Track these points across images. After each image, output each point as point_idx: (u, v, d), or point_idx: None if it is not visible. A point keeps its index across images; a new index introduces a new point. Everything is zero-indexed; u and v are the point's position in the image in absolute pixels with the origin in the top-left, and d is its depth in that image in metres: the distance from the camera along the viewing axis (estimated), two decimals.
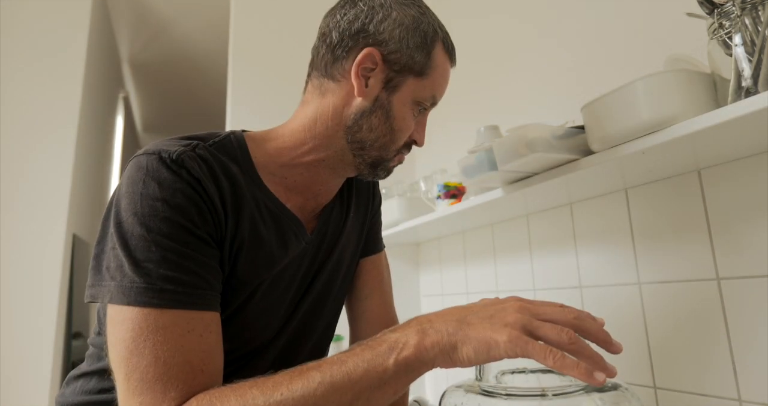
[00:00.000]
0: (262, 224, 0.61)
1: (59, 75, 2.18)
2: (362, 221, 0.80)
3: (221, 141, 0.61)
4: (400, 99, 0.63)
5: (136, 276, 0.48)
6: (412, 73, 0.62)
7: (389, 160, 0.66)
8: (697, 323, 0.77)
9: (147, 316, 0.47)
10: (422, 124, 0.68)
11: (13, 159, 2.02)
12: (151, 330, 0.47)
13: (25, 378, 1.82)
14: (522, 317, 0.45)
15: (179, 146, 0.55)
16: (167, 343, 0.47)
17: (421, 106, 0.65)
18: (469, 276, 1.39)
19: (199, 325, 0.50)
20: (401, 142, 0.66)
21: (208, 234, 0.54)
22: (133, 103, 4.04)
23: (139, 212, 0.50)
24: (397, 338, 0.46)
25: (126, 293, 0.48)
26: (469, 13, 1.54)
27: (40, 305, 1.92)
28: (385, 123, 0.63)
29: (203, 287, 0.51)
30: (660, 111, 0.63)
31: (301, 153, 0.64)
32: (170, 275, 0.49)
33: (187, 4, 2.75)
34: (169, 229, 0.50)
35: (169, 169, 0.52)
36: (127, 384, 0.46)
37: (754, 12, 0.56)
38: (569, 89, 1.10)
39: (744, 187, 0.72)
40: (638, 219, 0.89)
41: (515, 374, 0.58)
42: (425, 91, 0.64)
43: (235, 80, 1.81)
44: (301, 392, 0.44)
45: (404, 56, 0.62)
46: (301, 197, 0.67)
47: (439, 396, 0.60)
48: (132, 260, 0.49)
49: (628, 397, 0.53)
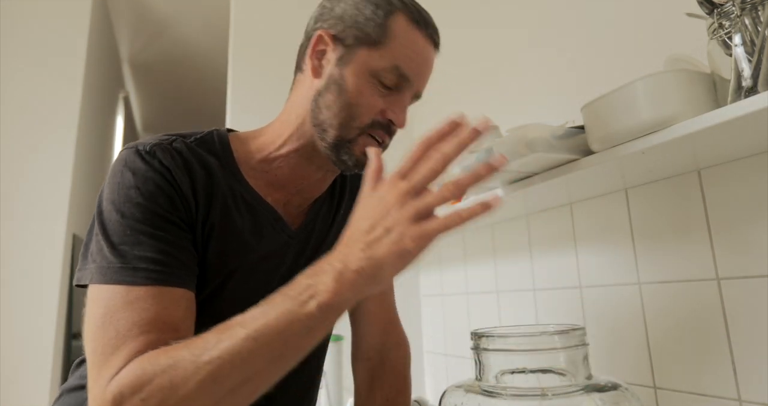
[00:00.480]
0: (236, 212, 0.62)
1: (59, 75, 2.18)
2: None
3: (202, 137, 0.65)
4: (352, 72, 0.61)
5: (113, 257, 0.51)
6: (365, 44, 0.61)
7: (351, 140, 0.62)
8: (697, 323, 0.77)
9: (117, 293, 0.50)
10: (399, 103, 0.64)
11: (13, 159, 2.02)
12: (117, 308, 0.49)
13: (25, 378, 1.82)
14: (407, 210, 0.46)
15: (156, 140, 0.60)
16: (130, 318, 0.48)
17: (382, 80, 0.61)
18: (469, 276, 1.39)
19: (165, 299, 0.51)
20: (364, 119, 0.62)
21: (179, 218, 0.56)
22: (133, 103, 4.04)
23: (116, 200, 0.54)
24: (315, 283, 0.46)
25: (104, 273, 0.51)
26: (469, 13, 1.54)
27: (40, 305, 1.92)
28: (339, 98, 0.61)
29: (175, 266, 0.53)
30: (660, 111, 0.63)
31: (278, 146, 0.66)
32: (143, 255, 0.52)
33: (187, 4, 2.75)
34: (141, 214, 0.53)
35: (142, 160, 0.56)
36: (92, 358, 0.48)
37: (754, 12, 0.56)
38: (569, 89, 1.10)
39: (744, 187, 0.72)
40: (638, 219, 0.89)
41: (515, 374, 0.58)
42: (382, 61, 0.61)
43: (235, 80, 1.81)
44: (227, 349, 0.44)
45: (354, 31, 0.62)
46: (284, 192, 0.68)
47: (439, 396, 0.60)
48: (110, 243, 0.52)
49: (628, 397, 0.53)
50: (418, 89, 0.65)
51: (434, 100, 1.75)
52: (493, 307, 1.27)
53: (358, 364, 0.80)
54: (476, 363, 0.61)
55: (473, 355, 0.62)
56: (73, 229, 2.14)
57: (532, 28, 1.24)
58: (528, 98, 1.24)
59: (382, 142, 0.65)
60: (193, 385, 0.43)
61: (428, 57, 0.65)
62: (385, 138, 0.64)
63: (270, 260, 0.66)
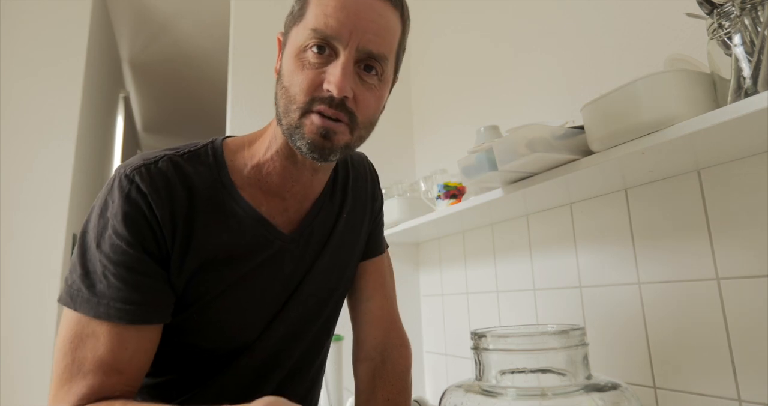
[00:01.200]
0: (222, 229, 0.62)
1: (59, 75, 2.18)
2: (360, 223, 0.78)
3: (196, 150, 0.64)
4: (286, 56, 0.60)
5: (82, 285, 0.54)
6: (293, 25, 0.59)
7: (298, 125, 0.57)
8: (697, 323, 0.77)
9: (78, 322, 0.53)
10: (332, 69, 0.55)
11: (13, 159, 2.02)
12: (77, 336, 0.53)
13: (25, 378, 1.82)
14: None
15: (141, 161, 0.60)
16: (85, 350, 0.53)
17: (309, 48, 0.56)
18: (469, 276, 1.39)
19: (116, 340, 0.54)
20: (299, 98, 0.56)
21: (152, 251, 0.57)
22: (133, 103, 4.04)
23: (93, 228, 0.56)
24: None
25: (73, 298, 0.54)
26: (468, 13, 1.54)
27: (40, 305, 1.92)
28: (280, 87, 0.60)
29: (138, 303, 0.55)
30: (660, 111, 0.63)
31: (264, 150, 0.65)
32: (107, 293, 0.54)
33: (187, 4, 2.75)
34: (113, 252, 0.55)
35: (120, 189, 0.57)
36: (53, 375, 0.53)
37: (754, 12, 0.56)
38: (569, 89, 1.10)
39: (744, 187, 0.72)
40: (638, 219, 0.89)
41: (515, 374, 0.58)
42: (304, 31, 0.56)
43: (235, 80, 1.81)
44: None
45: (288, 18, 0.62)
46: (280, 199, 0.67)
47: (439, 396, 0.60)
48: (84, 270, 0.55)
49: (627, 397, 0.53)
50: (363, 46, 0.55)
51: (434, 100, 1.75)
52: (493, 307, 1.27)
53: (360, 364, 0.80)
54: (476, 363, 0.61)
55: (473, 355, 0.62)
56: (73, 229, 2.14)
57: (532, 29, 1.24)
58: (528, 98, 1.24)
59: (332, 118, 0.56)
60: None
61: (360, 6, 0.55)
62: (330, 112, 0.56)
63: (264, 267, 0.65)
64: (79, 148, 2.17)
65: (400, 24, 0.61)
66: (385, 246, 0.86)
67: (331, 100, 0.55)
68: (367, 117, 0.60)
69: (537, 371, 0.58)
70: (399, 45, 0.62)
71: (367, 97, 0.58)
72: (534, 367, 0.57)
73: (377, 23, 0.56)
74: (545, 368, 0.57)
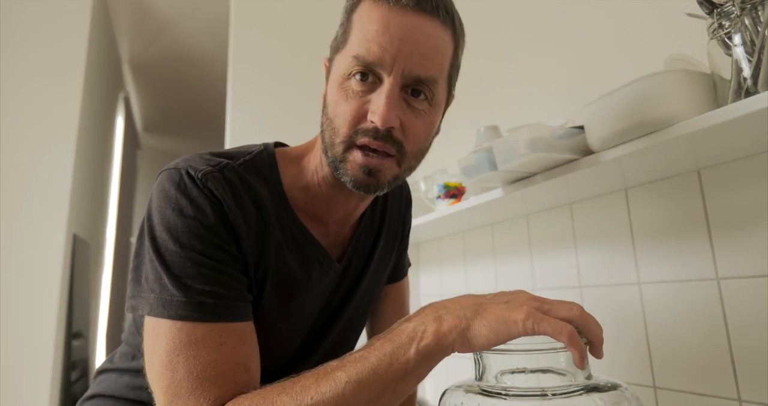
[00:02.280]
0: (287, 250, 0.60)
1: (59, 75, 2.18)
2: (392, 248, 0.77)
3: (252, 160, 0.60)
4: (331, 84, 0.57)
5: (175, 290, 0.49)
6: (337, 52, 0.57)
7: (342, 159, 0.55)
8: (697, 323, 0.77)
9: (181, 330, 0.48)
10: (375, 98, 0.52)
11: (13, 159, 2.02)
12: (184, 345, 0.47)
13: (25, 378, 1.82)
14: (534, 301, 0.46)
15: (206, 166, 0.55)
16: (200, 357, 0.47)
17: (351, 78, 0.53)
18: (469, 276, 1.39)
19: (233, 336, 0.50)
20: (343, 131, 0.54)
21: (237, 249, 0.54)
22: (133, 103, 4.04)
23: (172, 228, 0.51)
24: (414, 327, 0.46)
25: (166, 306, 0.49)
26: (469, 13, 1.54)
27: (40, 305, 1.92)
28: (326, 117, 0.57)
29: (238, 299, 0.52)
30: (660, 111, 0.63)
31: (313, 173, 0.62)
32: (207, 290, 0.50)
33: (187, 5, 2.75)
34: (201, 245, 0.51)
35: (197, 188, 0.53)
36: (164, 398, 0.47)
37: (754, 12, 0.56)
38: (569, 89, 1.10)
39: (744, 187, 0.72)
40: (638, 219, 0.89)
41: (515, 374, 0.58)
42: (346, 58, 0.54)
43: (235, 80, 1.81)
44: (330, 393, 0.44)
45: (333, 44, 0.59)
46: (323, 224, 0.65)
47: (438, 396, 0.60)
48: (170, 275, 0.50)
49: (627, 397, 0.53)
50: (405, 69, 0.52)
51: None
52: None
53: None
54: (476, 363, 0.61)
55: (473, 355, 0.62)
56: (73, 229, 2.14)
57: (532, 28, 1.24)
58: (528, 98, 1.24)
59: (378, 150, 0.53)
60: None
61: (400, 27, 0.51)
62: (375, 144, 0.53)
63: (314, 292, 0.64)
64: (79, 148, 2.17)
65: (453, 41, 0.57)
66: (407, 267, 0.86)
67: (376, 132, 0.52)
68: (417, 146, 0.56)
69: (537, 371, 0.58)
70: (452, 64, 0.58)
71: (415, 125, 0.55)
72: (534, 367, 0.57)
73: (425, 45, 0.52)
74: (545, 368, 0.57)
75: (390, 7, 0.51)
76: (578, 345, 0.43)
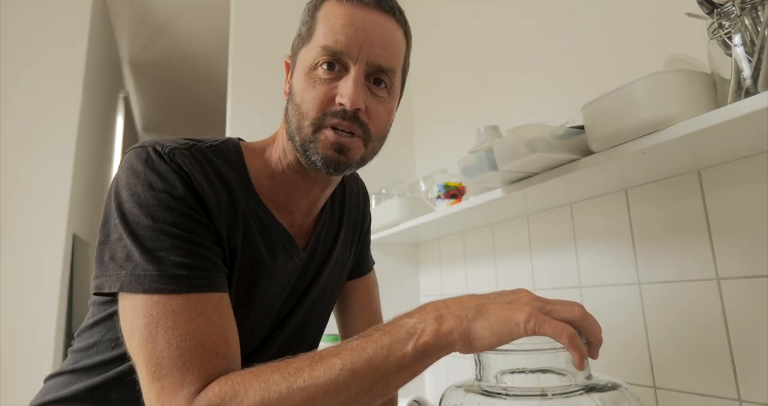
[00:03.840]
0: (254, 230, 0.61)
1: (59, 75, 2.18)
2: (352, 242, 0.80)
3: (218, 146, 0.62)
4: (296, 75, 0.61)
5: (148, 264, 0.49)
6: (301, 47, 0.61)
7: (311, 140, 0.58)
8: (697, 323, 0.77)
9: (157, 302, 0.48)
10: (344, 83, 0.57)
11: (13, 159, 2.02)
12: (161, 316, 0.48)
13: (25, 378, 1.82)
14: (536, 302, 0.47)
15: (174, 143, 0.57)
16: (177, 327, 0.48)
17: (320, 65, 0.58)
18: (469, 276, 1.39)
19: (208, 307, 0.50)
20: (312, 114, 0.57)
21: (208, 220, 0.55)
22: (133, 103, 4.04)
23: (142, 203, 0.52)
24: (415, 323, 0.47)
25: (140, 281, 0.49)
26: (469, 13, 1.54)
27: (40, 305, 1.92)
28: (292, 105, 0.60)
29: (211, 270, 0.53)
30: (660, 111, 0.63)
31: (275, 163, 0.65)
32: (180, 261, 0.50)
33: (187, 4, 2.75)
34: (172, 217, 0.52)
35: (164, 162, 0.54)
36: (146, 370, 0.47)
37: (754, 12, 0.56)
38: (569, 89, 1.10)
39: (744, 187, 0.72)
40: (638, 219, 0.89)
41: (515, 374, 0.58)
42: (313, 50, 0.58)
43: (235, 80, 1.81)
44: (323, 378, 0.44)
45: (295, 41, 0.63)
46: (288, 213, 0.67)
47: (439, 396, 0.60)
48: (142, 249, 0.50)
49: (627, 397, 0.53)
50: (372, 60, 0.57)
51: (434, 100, 1.75)
52: None
53: None
54: (476, 363, 0.61)
55: (473, 355, 0.62)
56: (73, 229, 2.14)
57: (532, 29, 1.24)
58: (528, 98, 1.24)
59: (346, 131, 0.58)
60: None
61: (364, 22, 0.57)
62: (344, 125, 0.57)
63: (280, 280, 0.65)
64: (79, 148, 2.17)
65: (405, 40, 0.63)
66: (372, 263, 0.88)
67: (344, 114, 0.57)
68: (379, 129, 0.61)
69: (537, 371, 0.58)
70: (404, 60, 0.64)
71: (378, 110, 0.60)
72: (534, 367, 0.57)
73: (384, 38, 0.59)
74: (545, 368, 0.57)
75: (354, 4, 0.58)
76: (578, 347, 0.44)
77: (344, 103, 0.56)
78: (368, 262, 0.87)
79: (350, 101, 0.56)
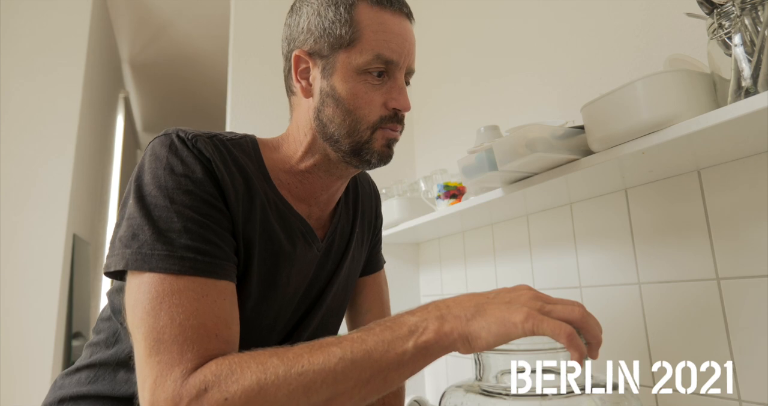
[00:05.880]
0: (273, 219, 0.62)
1: (59, 75, 2.18)
2: (366, 239, 0.81)
3: (237, 140, 0.64)
4: (340, 78, 0.61)
5: (158, 244, 0.50)
6: (341, 47, 0.61)
7: (368, 141, 0.62)
8: (697, 323, 0.77)
9: (164, 280, 0.49)
10: (396, 89, 0.63)
11: (13, 159, 2.02)
12: (167, 293, 0.48)
13: (25, 378, 1.82)
14: (536, 301, 0.47)
15: (197, 131, 0.59)
16: (182, 305, 0.48)
17: (371, 72, 0.61)
18: (469, 276, 1.39)
19: (213, 291, 0.51)
20: (370, 118, 0.62)
21: (225, 206, 0.57)
22: (133, 103, 4.04)
23: (162, 186, 0.53)
24: (416, 322, 0.47)
25: (146, 259, 0.50)
26: (469, 14, 1.54)
27: (40, 305, 1.92)
28: (338, 108, 0.61)
29: (221, 257, 0.53)
30: (660, 111, 0.63)
31: (297, 161, 0.66)
32: (190, 245, 0.51)
33: (187, 4, 2.75)
34: (190, 200, 0.53)
35: (187, 148, 0.56)
36: (144, 344, 0.47)
37: (754, 12, 0.56)
38: (569, 89, 1.10)
39: (744, 187, 0.72)
40: (638, 219, 0.89)
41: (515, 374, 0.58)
42: (363, 55, 0.60)
43: (235, 80, 1.81)
44: (321, 365, 0.45)
45: (326, 39, 0.62)
46: (306, 205, 0.68)
47: (439, 396, 0.60)
48: (155, 229, 0.51)
49: (627, 397, 0.53)
50: (409, 66, 0.64)
51: (435, 100, 1.75)
52: None
53: None
54: (476, 363, 0.61)
55: (473, 355, 0.62)
56: (73, 229, 2.14)
57: (532, 29, 1.24)
58: (528, 98, 1.24)
59: (396, 130, 0.64)
60: (283, 394, 0.44)
61: (405, 31, 0.63)
62: (397, 127, 0.64)
63: (301, 272, 0.66)
64: (79, 148, 2.17)
65: None
66: (383, 262, 0.89)
67: (396, 117, 0.63)
68: None
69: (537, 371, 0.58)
70: None
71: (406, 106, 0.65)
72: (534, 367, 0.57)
73: (414, 45, 0.65)
74: (545, 368, 0.57)
75: (393, 11, 0.62)
76: (577, 345, 0.44)
77: (400, 109, 0.63)
78: (380, 260, 0.88)
79: (405, 107, 0.63)
